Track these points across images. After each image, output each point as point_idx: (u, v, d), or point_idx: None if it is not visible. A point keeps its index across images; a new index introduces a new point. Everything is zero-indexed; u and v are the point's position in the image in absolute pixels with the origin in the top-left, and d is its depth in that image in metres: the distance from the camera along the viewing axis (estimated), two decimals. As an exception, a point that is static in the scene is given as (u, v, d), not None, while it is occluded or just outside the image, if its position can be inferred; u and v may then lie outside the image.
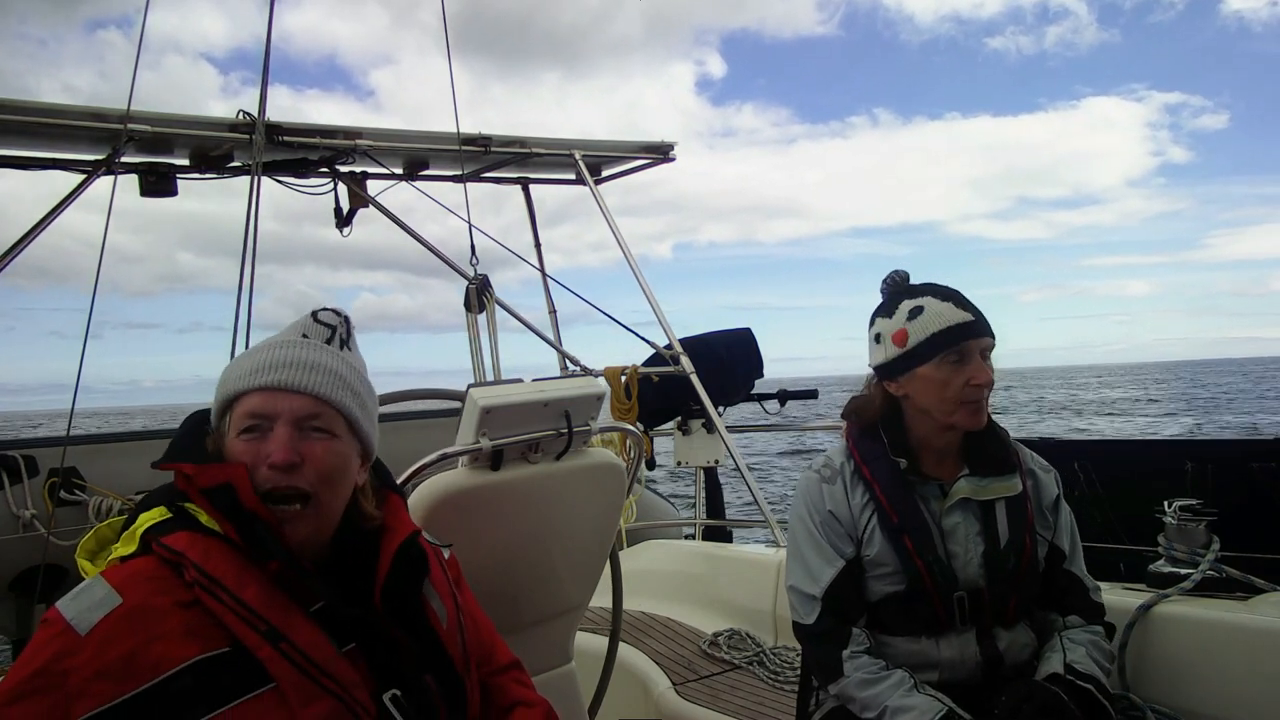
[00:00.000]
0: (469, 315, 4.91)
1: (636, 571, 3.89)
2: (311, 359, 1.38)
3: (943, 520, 1.99)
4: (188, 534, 1.26)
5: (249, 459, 1.31)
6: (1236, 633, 2.29)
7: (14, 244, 3.88)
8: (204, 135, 4.22)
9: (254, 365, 1.36)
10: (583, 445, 2.12)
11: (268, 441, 1.31)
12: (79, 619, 1.18)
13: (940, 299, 1.98)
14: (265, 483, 1.30)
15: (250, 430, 1.32)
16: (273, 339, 1.44)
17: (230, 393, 1.35)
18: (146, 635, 1.18)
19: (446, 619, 1.48)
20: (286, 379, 1.35)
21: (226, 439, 1.34)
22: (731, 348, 5.53)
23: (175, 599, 1.22)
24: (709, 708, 2.96)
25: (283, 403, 1.33)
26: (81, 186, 3.97)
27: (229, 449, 1.33)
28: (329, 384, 1.38)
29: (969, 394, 1.93)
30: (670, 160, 5.64)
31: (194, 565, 1.22)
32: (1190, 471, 3.57)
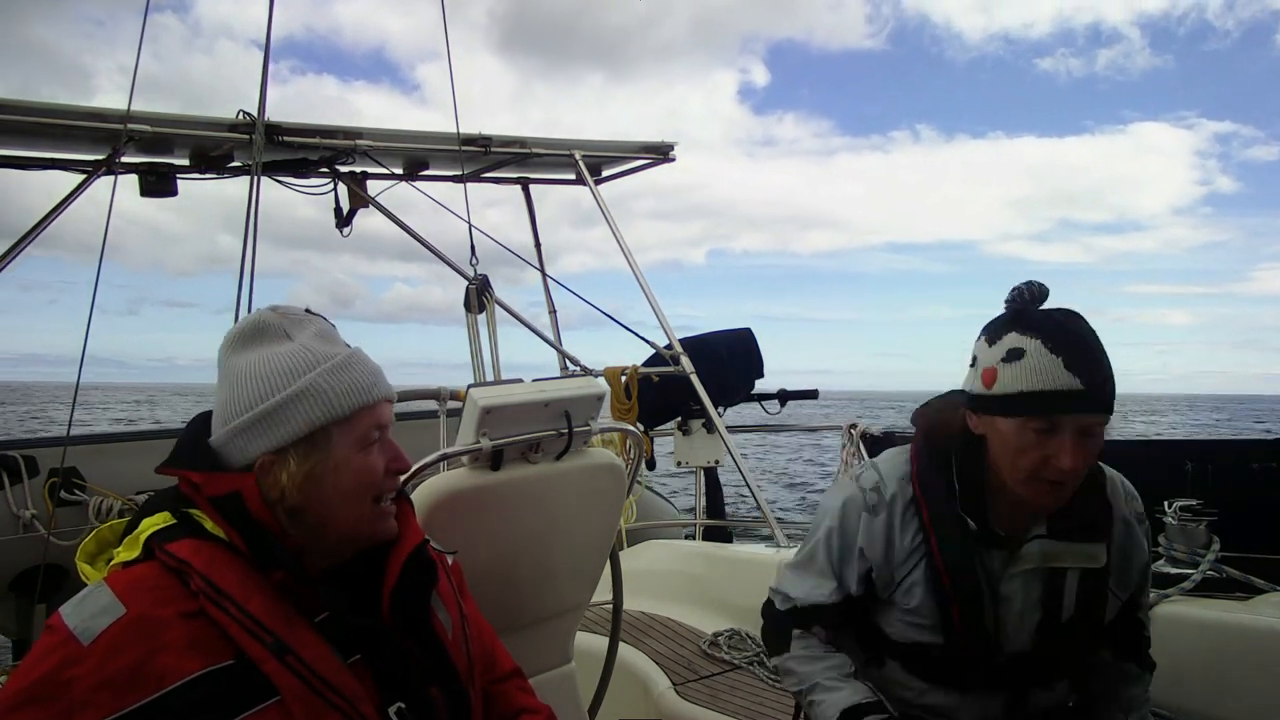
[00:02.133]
0: (469, 315, 4.92)
1: (636, 571, 3.89)
2: (380, 368, 1.43)
3: (1001, 584, 1.71)
4: (192, 541, 1.24)
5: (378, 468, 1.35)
6: (1236, 633, 2.29)
7: (14, 244, 3.88)
8: (204, 135, 4.22)
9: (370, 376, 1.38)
10: (583, 445, 2.12)
11: (386, 449, 1.37)
12: (82, 628, 1.17)
13: (1051, 349, 1.57)
14: (386, 488, 1.36)
15: (374, 441, 1.36)
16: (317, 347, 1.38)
17: (357, 404, 1.34)
18: (150, 646, 1.17)
19: (452, 629, 1.47)
20: (391, 390, 1.41)
21: (336, 453, 1.31)
22: (731, 348, 5.53)
23: (179, 609, 1.20)
24: (709, 708, 2.96)
25: (389, 412, 1.40)
26: (82, 186, 3.97)
27: (351, 463, 1.32)
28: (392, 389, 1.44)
29: (1047, 473, 1.59)
30: (669, 160, 5.64)
31: (199, 574, 1.21)
32: (1190, 471, 3.57)
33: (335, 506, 1.31)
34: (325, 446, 1.31)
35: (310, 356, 1.35)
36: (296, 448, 1.31)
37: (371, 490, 1.34)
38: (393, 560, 1.38)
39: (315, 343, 1.38)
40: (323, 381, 1.33)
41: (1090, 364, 1.56)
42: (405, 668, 1.35)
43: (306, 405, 1.32)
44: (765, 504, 4.49)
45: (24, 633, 4.24)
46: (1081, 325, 1.61)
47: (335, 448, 1.32)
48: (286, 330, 1.38)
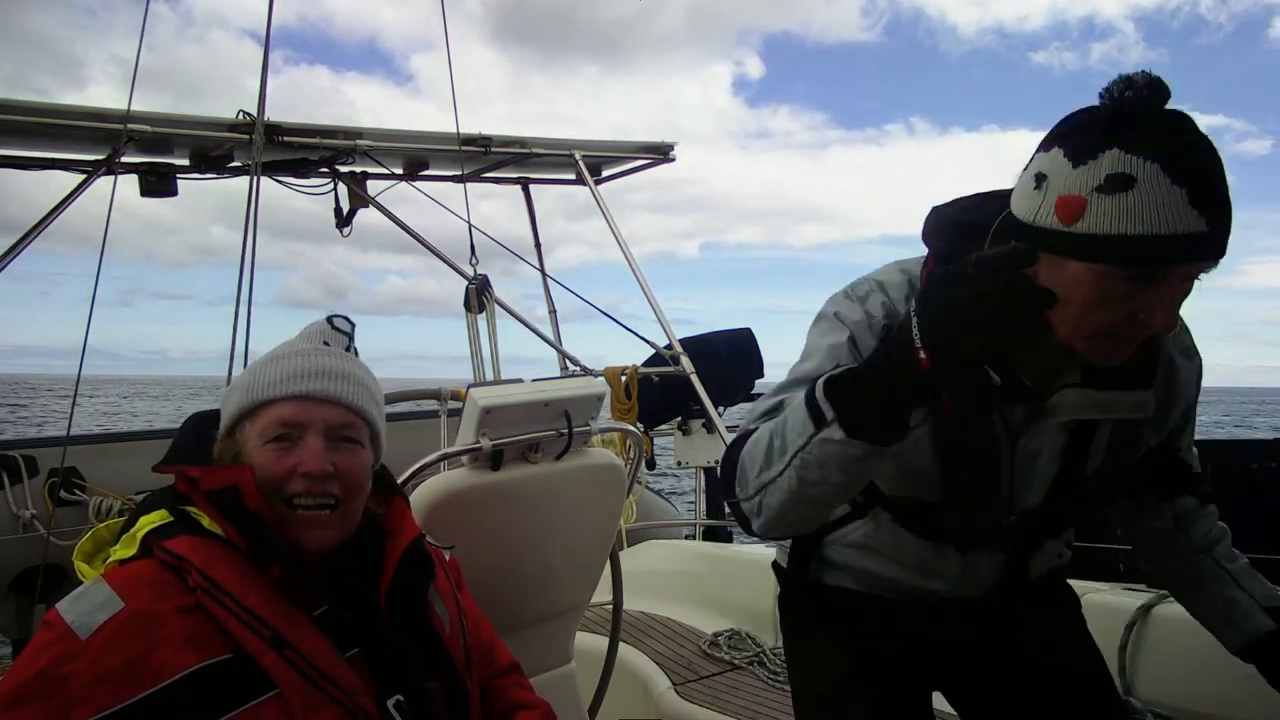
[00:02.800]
0: (469, 315, 4.92)
1: (636, 571, 3.89)
2: (342, 368, 1.38)
3: (1022, 438, 1.39)
4: (190, 538, 1.24)
5: (278, 468, 1.29)
6: (1236, 633, 2.29)
7: (13, 244, 3.88)
8: (204, 135, 4.22)
9: (285, 372, 1.34)
10: (583, 445, 2.12)
11: (298, 450, 1.30)
12: (80, 623, 1.17)
13: (1174, 179, 1.12)
14: (295, 491, 1.29)
15: (280, 439, 1.31)
16: (292, 345, 1.42)
17: (258, 399, 1.33)
18: (148, 641, 1.17)
19: (449, 623, 1.47)
20: (321, 388, 1.34)
21: (246, 446, 1.32)
22: (731, 348, 5.53)
23: (177, 604, 1.20)
24: (709, 708, 2.96)
25: (316, 412, 1.33)
26: (82, 186, 3.98)
27: (251, 457, 1.31)
28: (359, 394, 1.38)
29: (1128, 330, 1.21)
30: (669, 160, 5.65)
31: (197, 569, 1.21)
32: (1190, 471, 3.56)
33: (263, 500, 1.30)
34: (240, 438, 1.33)
35: (266, 353, 1.39)
36: (226, 438, 1.35)
37: (274, 490, 1.29)
38: (389, 555, 1.38)
39: (291, 342, 1.41)
40: (243, 375, 1.37)
41: (1218, 197, 1.15)
42: (403, 661, 1.34)
43: (230, 397, 1.36)
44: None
45: (24, 633, 4.24)
46: (1200, 137, 1.17)
47: (246, 441, 1.32)
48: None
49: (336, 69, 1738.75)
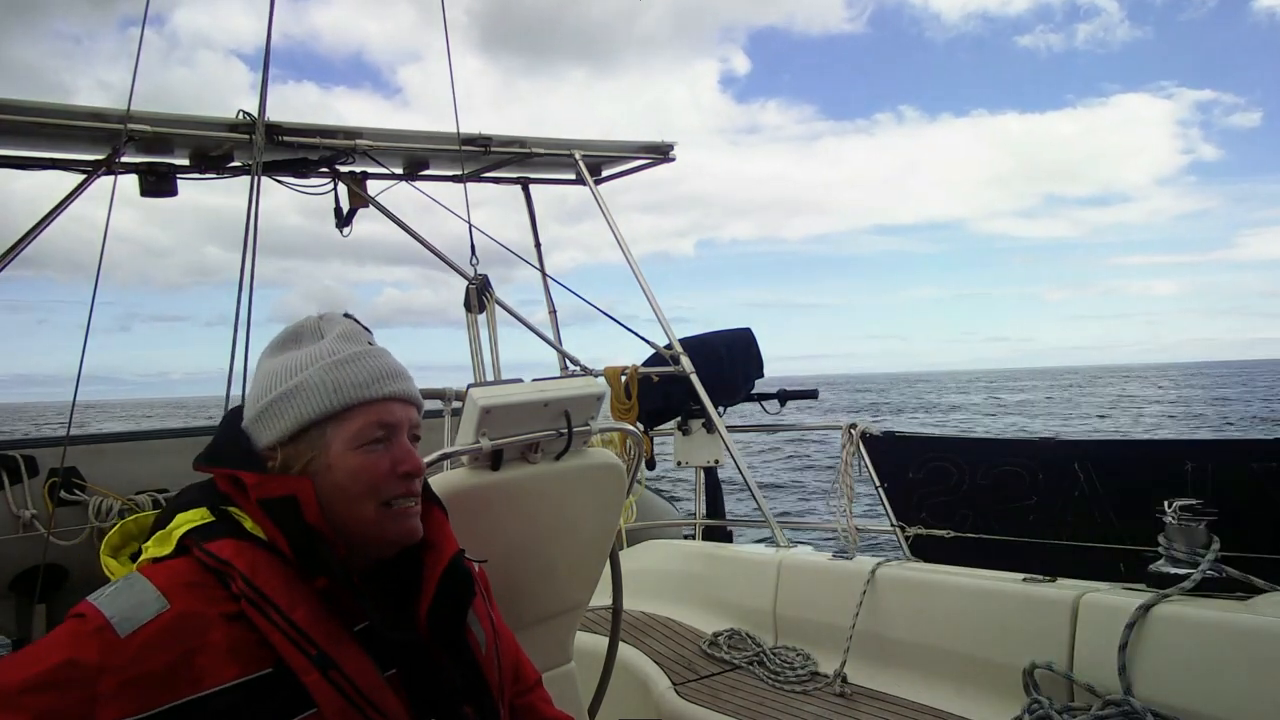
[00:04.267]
0: (469, 315, 4.92)
1: (636, 571, 3.89)
2: (404, 368, 1.37)
3: None
4: (234, 542, 1.20)
5: (378, 470, 1.28)
6: (1236, 633, 2.29)
7: (13, 245, 3.88)
8: (204, 135, 4.22)
9: (372, 373, 1.32)
10: (583, 445, 2.12)
11: (391, 450, 1.30)
12: (121, 618, 1.11)
13: None
14: (396, 492, 1.29)
15: (378, 441, 1.29)
16: (338, 345, 1.35)
17: (350, 400, 1.29)
18: (190, 646, 1.12)
19: (485, 645, 1.44)
20: (404, 389, 1.34)
21: (329, 450, 1.28)
22: (731, 348, 5.52)
23: (221, 610, 1.16)
24: (709, 708, 2.96)
25: (404, 412, 1.34)
26: (81, 186, 3.97)
27: (342, 461, 1.27)
28: (417, 394, 1.39)
29: None
30: (670, 160, 5.64)
31: (243, 578, 1.17)
32: (1190, 471, 3.57)
33: (336, 506, 1.27)
34: (320, 443, 1.28)
35: (317, 353, 1.33)
36: (291, 443, 1.29)
37: (371, 492, 1.28)
38: (429, 572, 1.35)
39: (334, 342, 1.35)
40: (316, 377, 1.30)
41: None
42: (440, 684, 1.31)
43: (297, 400, 1.29)
44: (765, 504, 4.50)
45: (24, 633, 4.23)
46: None
47: (330, 445, 1.28)
48: (321, 331, 1.37)
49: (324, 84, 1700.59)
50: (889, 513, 4.67)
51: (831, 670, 3.14)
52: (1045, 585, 2.81)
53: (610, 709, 2.58)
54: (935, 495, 4.52)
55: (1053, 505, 4.13)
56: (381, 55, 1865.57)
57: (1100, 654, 2.51)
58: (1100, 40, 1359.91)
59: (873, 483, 4.73)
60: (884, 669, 3.10)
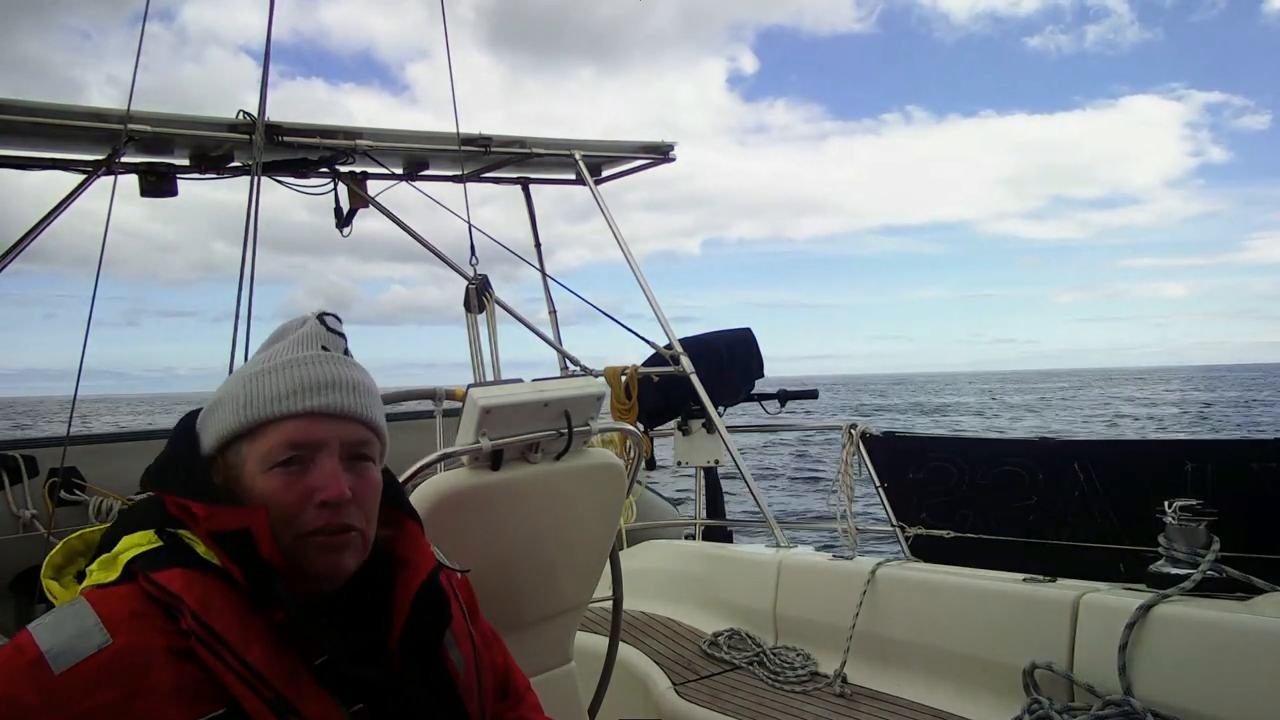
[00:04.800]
0: (469, 315, 4.92)
1: (636, 571, 3.89)
2: (352, 377, 1.21)
3: None
4: (184, 572, 1.08)
5: (289, 497, 1.13)
6: (1236, 633, 2.29)
7: (12, 245, 3.88)
8: (204, 135, 4.22)
9: (291, 384, 1.17)
10: (583, 445, 2.12)
11: (311, 475, 1.15)
12: (59, 652, 1.01)
13: None
14: (311, 524, 1.13)
15: (288, 463, 1.14)
16: (286, 350, 1.23)
17: (259, 417, 1.16)
18: (132, 687, 1.02)
19: (465, 669, 1.30)
20: (335, 402, 1.18)
21: (243, 471, 1.16)
22: (732, 348, 5.52)
23: (167, 643, 1.05)
24: (709, 708, 2.96)
25: (331, 430, 1.17)
26: (81, 186, 3.97)
27: (254, 485, 1.14)
28: (372, 405, 1.22)
29: None
30: (670, 160, 5.64)
31: (192, 614, 1.05)
32: (1190, 471, 3.57)
33: None
34: (237, 463, 1.17)
35: (253, 362, 1.22)
36: (220, 458, 1.18)
37: (284, 523, 1.13)
38: (400, 595, 1.22)
39: (283, 347, 1.23)
40: (234, 388, 1.19)
41: None
42: (410, 717, 1.20)
43: (217, 413, 1.19)
44: (765, 504, 4.50)
45: (24, 633, 4.23)
46: None
47: (244, 465, 1.16)
48: (286, 334, 1.27)
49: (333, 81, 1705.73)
50: (889, 513, 4.67)
51: (831, 670, 3.14)
52: (1045, 585, 2.81)
53: (610, 709, 2.58)
54: (935, 495, 4.52)
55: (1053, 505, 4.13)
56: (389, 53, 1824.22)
57: (1100, 654, 2.51)
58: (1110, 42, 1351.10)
59: (873, 483, 4.73)
60: (884, 669, 3.10)
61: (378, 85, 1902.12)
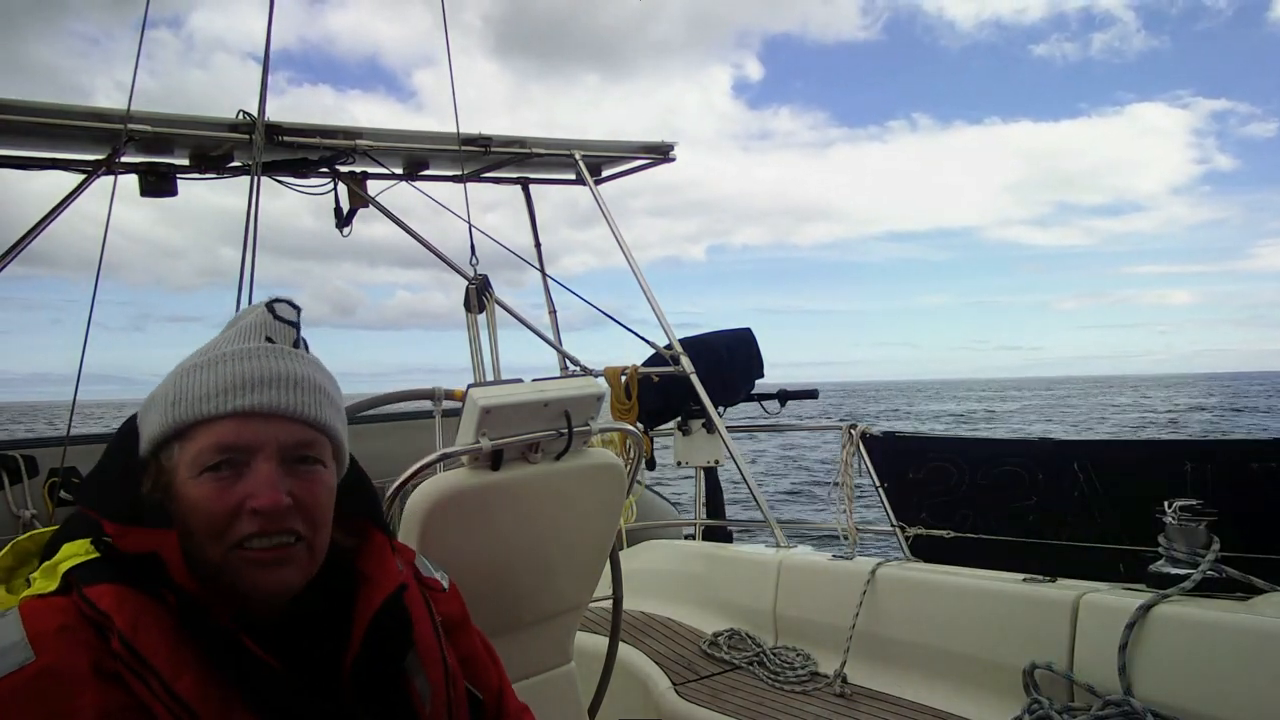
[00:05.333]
0: (469, 315, 4.92)
1: (636, 571, 3.89)
2: (295, 371, 1.10)
3: None
4: (115, 589, 1.00)
5: (219, 506, 1.03)
6: (1236, 633, 2.29)
7: (12, 245, 3.88)
8: (204, 135, 4.22)
9: (221, 381, 1.06)
10: (583, 445, 2.12)
11: (245, 480, 1.05)
12: None
13: None
14: (245, 532, 1.04)
15: (218, 468, 1.04)
16: (224, 342, 1.13)
17: (187, 418, 1.06)
18: (53, 709, 0.94)
19: (432, 699, 1.17)
20: (272, 401, 1.07)
21: (176, 477, 1.06)
22: (732, 348, 5.53)
23: (95, 664, 0.97)
24: (709, 708, 2.96)
25: (265, 431, 1.06)
26: (81, 186, 3.97)
27: (184, 491, 1.05)
28: (317, 402, 1.11)
29: None
30: (670, 160, 5.64)
31: (120, 636, 0.97)
32: (1190, 471, 3.57)
33: (188, 543, 1.05)
34: (169, 466, 1.07)
35: (193, 355, 1.12)
36: (154, 462, 1.09)
37: (213, 534, 1.04)
38: (359, 612, 1.12)
39: (222, 339, 1.14)
40: (165, 386, 1.10)
41: None
42: None
43: (150, 415, 1.10)
44: (765, 504, 4.50)
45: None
46: None
47: (176, 469, 1.06)
48: (235, 323, 1.17)
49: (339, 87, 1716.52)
50: (889, 513, 4.67)
51: (831, 670, 3.14)
52: (1045, 585, 2.81)
53: (610, 709, 2.58)
54: (935, 495, 4.52)
55: (1053, 505, 4.13)
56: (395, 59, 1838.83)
57: (1100, 654, 2.51)
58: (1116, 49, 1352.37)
59: (873, 483, 4.73)
60: (884, 669, 3.10)
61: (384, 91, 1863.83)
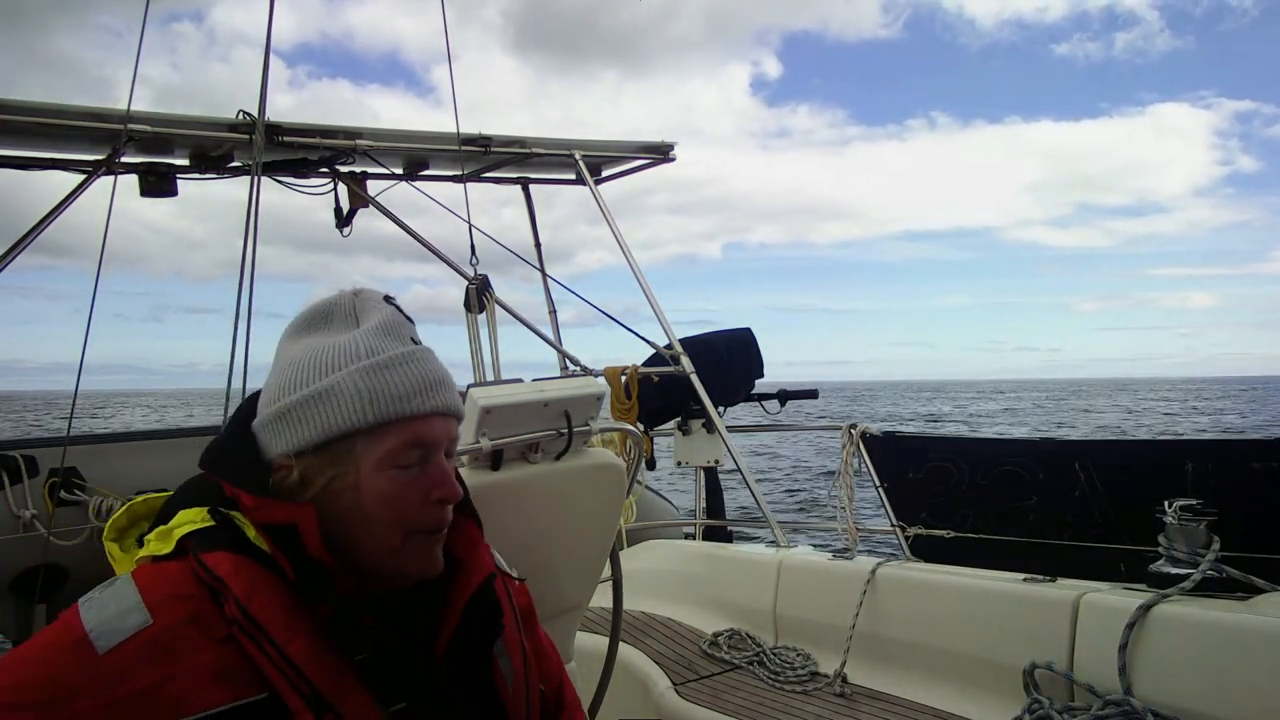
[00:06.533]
0: (469, 315, 4.92)
1: (636, 571, 3.89)
2: (448, 375, 1.20)
3: None
4: (232, 557, 1.07)
5: (411, 496, 1.13)
6: (1236, 633, 2.29)
7: (12, 245, 3.88)
8: (204, 135, 4.22)
9: (415, 382, 1.15)
10: (582, 445, 2.12)
11: (426, 473, 1.14)
12: (100, 631, 1.01)
13: None
14: (429, 522, 1.15)
15: (411, 462, 1.13)
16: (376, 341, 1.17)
17: (389, 415, 1.12)
18: (172, 668, 1.01)
19: (514, 681, 1.26)
20: (447, 403, 1.17)
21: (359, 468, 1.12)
22: (732, 348, 5.53)
23: (211, 628, 1.05)
24: (709, 708, 2.96)
25: (444, 429, 1.17)
26: (82, 187, 3.97)
27: (370, 484, 1.12)
28: (461, 406, 1.22)
29: None
30: (670, 160, 5.64)
31: (237, 602, 1.04)
32: (1190, 471, 3.57)
33: (354, 530, 1.12)
34: (348, 459, 1.12)
35: (354, 350, 1.15)
36: (314, 455, 1.13)
37: (398, 521, 1.13)
38: (454, 598, 1.20)
39: (371, 336, 1.17)
40: (351, 382, 1.13)
41: None
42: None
43: (326, 407, 1.12)
44: (765, 504, 4.50)
45: (24, 633, 4.23)
46: None
47: (359, 462, 1.12)
48: (357, 317, 1.20)
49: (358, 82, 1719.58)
50: (889, 513, 4.67)
51: (831, 670, 3.14)
52: (1045, 585, 2.81)
53: (610, 709, 2.58)
54: (935, 495, 4.53)
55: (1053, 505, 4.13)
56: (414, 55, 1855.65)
57: (1100, 654, 2.51)
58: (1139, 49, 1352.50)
59: (873, 483, 4.73)
60: (884, 669, 3.10)
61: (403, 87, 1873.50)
